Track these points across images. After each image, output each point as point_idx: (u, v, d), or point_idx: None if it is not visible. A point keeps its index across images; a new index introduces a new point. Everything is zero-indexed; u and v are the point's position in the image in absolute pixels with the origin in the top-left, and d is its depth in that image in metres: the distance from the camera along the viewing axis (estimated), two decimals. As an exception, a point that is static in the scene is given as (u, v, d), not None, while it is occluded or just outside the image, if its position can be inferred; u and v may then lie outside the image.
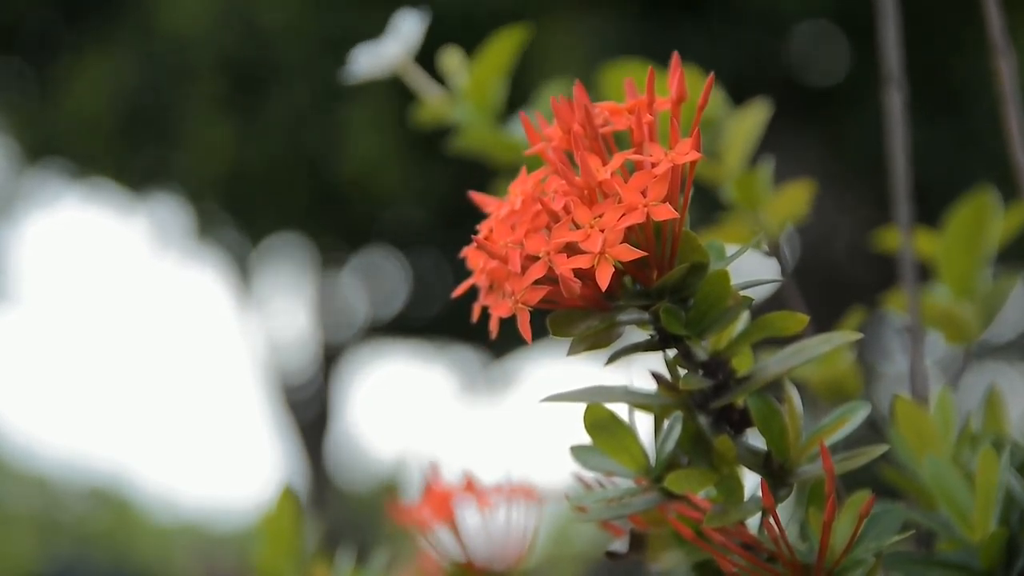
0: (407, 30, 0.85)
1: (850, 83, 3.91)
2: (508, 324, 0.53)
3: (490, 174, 0.88)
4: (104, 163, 4.53)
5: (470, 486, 0.81)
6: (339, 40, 3.62)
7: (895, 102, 0.82)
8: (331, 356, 5.76)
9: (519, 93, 0.91)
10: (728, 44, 3.64)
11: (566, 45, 3.51)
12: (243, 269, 5.46)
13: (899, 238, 0.83)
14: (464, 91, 0.87)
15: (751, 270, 0.76)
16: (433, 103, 0.88)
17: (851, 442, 0.59)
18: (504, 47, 0.86)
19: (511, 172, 0.82)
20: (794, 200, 0.83)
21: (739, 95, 0.86)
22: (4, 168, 5.11)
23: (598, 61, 0.86)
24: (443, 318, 5.08)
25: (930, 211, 0.93)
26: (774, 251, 0.80)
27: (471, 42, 0.90)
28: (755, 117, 0.83)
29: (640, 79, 0.56)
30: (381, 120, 3.69)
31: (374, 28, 0.89)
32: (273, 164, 4.13)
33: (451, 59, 0.88)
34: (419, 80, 0.87)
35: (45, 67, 4.39)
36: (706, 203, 0.55)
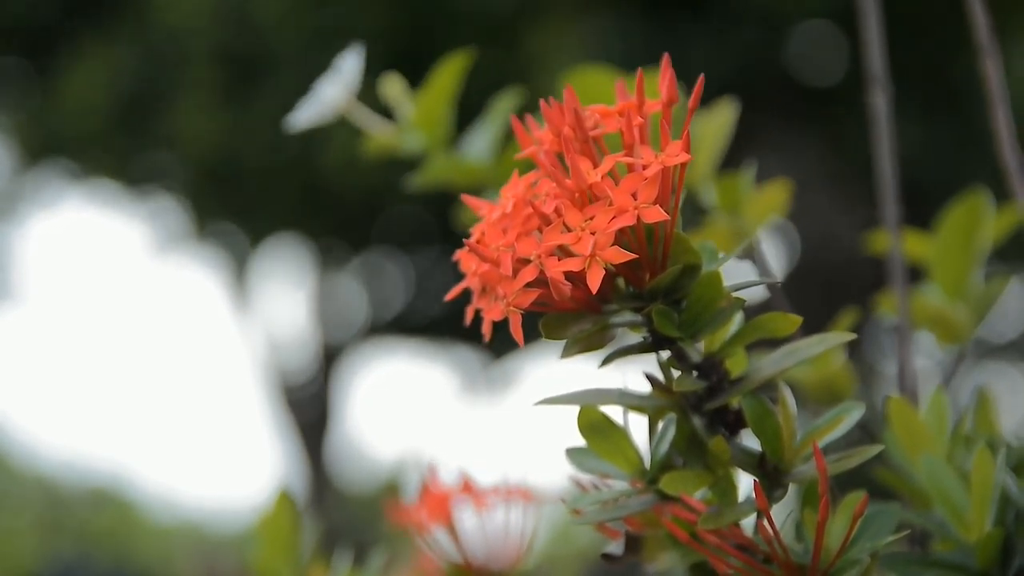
0: (347, 71, 0.86)
1: (850, 82, 3.91)
2: (505, 325, 0.54)
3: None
4: (102, 159, 4.53)
5: (467, 487, 0.81)
6: (332, 32, 3.62)
7: (880, 104, 0.82)
8: (331, 356, 5.76)
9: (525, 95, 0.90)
10: (729, 44, 3.64)
11: (567, 45, 3.51)
12: (243, 269, 5.46)
13: (888, 240, 0.83)
14: (413, 122, 0.86)
15: (742, 272, 0.77)
16: (382, 137, 0.87)
17: (847, 443, 0.59)
18: (449, 75, 0.86)
19: (473, 194, 0.82)
20: (772, 201, 0.83)
21: (740, 95, 0.86)
22: (6, 169, 5.12)
23: (599, 60, 0.86)
24: (443, 318, 5.08)
25: (932, 211, 0.93)
26: (750, 255, 0.80)
27: (474, 42, 0.90)
28: (722, 117, 0.82)
29: (606, 87, 0.56)
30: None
31: (366, 20, 0.89)
32: (270, 159, 4.13)
33: (393, 88, 0.87)
34: (365, 117, 0.87)
35: (45, 66, 4.39)
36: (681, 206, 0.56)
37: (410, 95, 0.87)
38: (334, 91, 0.85)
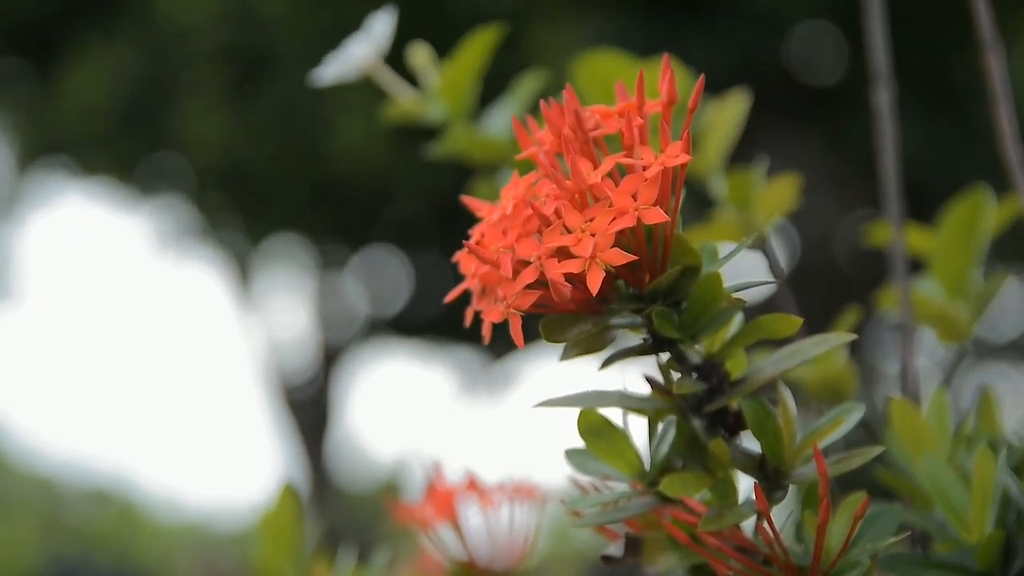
0: (377, 31, 0.85)
1: (851, 82, 3.91)
2: (505, 325, 0.53)
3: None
4: (105, 158, 4.53)
5: (472, 485, 0.81)
6: (335, 32, 3.63)
7: (883, 100, 0.82)
8: (331, 356, 5.76)
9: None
10: (729, 44, 3.64)
11: (567, 43, 3.51)
12: (244, 269, 5.46)
13: (890, 234, 0.83)
14: (438, 91, 0.86)
15: (747, 271, 0.76)
16: (405, 103, 0.87)
17: (849, 443, 0.59)
18: (478, 47, 0.86)
19: (489, 171, 0.82)
20: (782, 195, 0.83)
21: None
22: (7, 167, 5.11)
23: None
24: (443, 318, 5.08)
25: (933, 209, 0.93)
26: (761, 246, 0.80)
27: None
28: (734, 107, 0.82)
29: (615, 71, 0.56)
30: (369, 104, 3.69)
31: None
32: (272, 157, 4.13)
33: (419, 57, 0.87)
34: (390, 80, 0.87)
35: (46, 64, 4.39)
36: (686, 197, 0.55)
37: (436, 65, 0.87)
38: (362, 50, 0.85)
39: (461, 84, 0.86)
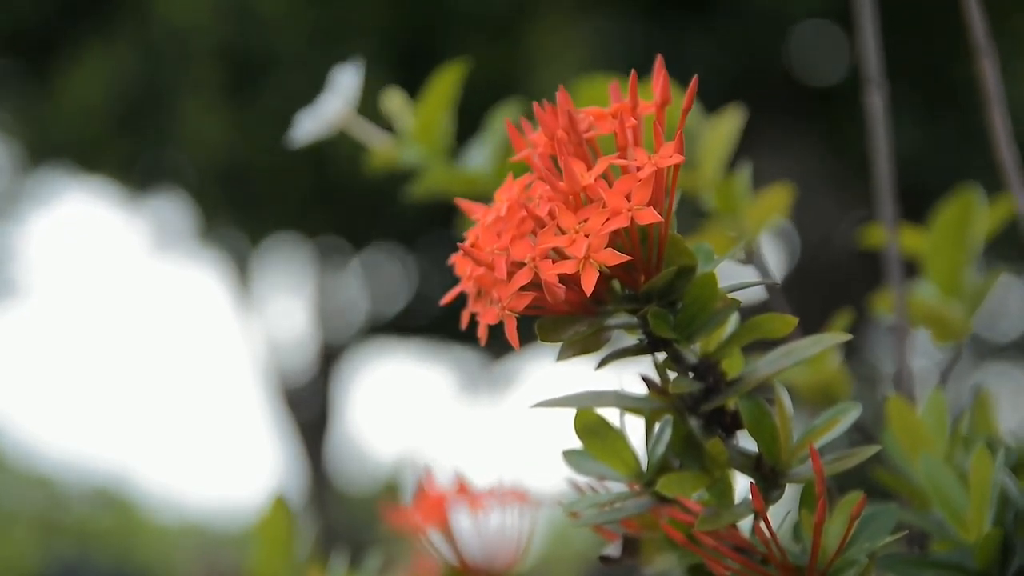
0: (346, 85, 0.86)
1: (851, 82, 3.91)
2: (503, 326, 0.53)
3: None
4: (104, 158, 4.53)
5: (463, 489, 0.81)
6: (334, 30, 3.63)
7: (876, 103, 0.83)
8: (331, 356, 5.76)
9: (523, 92, 0.90)
10: (729, 43, 3.64)
11: (568, 43, 3.51)
12: (244, 268, 5.46)
13: (884, 235, 0.83)
14: (412, 133, 0.87)
15: (743, 272, 0.76)
16: (382, 150, 0.87)
17: (848, 444, 0.59)
18: (446, 84, 0.86)
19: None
20: (773, 204, 0.83)
21: (741, 95, 0.86)
22: (7, 167, 5.11)
23: (600, 60, 0.86)
24: (444, 318, 5.08)
25: (933, 209, 0.93)
26: (750, 257, 0.80)
27: (476, 41, 0.90)
28: (730, 123, 0.83)
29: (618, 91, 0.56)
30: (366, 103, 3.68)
31: (368, 18, 0.89)
32: (271, 156, 4.13)
33: (393, 101, 0.87)
34: (364, 130, 0.87)
35: (45, 66, 4.39)
36: (684, 210, 0.56)
37: (409, 106, 0.88)
38: (333, 105, 0.85)
39: (434, 124, 0.86)
